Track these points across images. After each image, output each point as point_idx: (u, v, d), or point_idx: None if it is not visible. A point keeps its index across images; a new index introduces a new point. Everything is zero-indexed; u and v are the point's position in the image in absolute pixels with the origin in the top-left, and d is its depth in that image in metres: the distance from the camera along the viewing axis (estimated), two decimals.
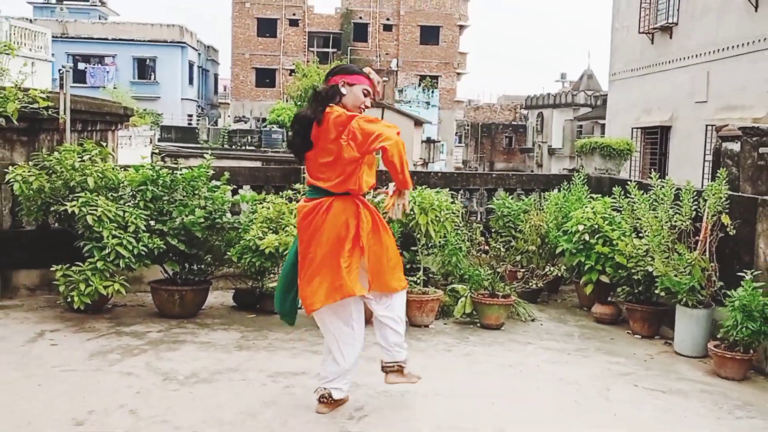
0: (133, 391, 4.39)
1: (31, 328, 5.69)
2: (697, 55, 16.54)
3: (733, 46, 15.17)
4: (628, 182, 7.08)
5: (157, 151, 24.00)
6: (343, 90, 4.07)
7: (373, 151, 3.97)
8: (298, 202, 6.88)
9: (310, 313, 4.04)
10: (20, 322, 5.86)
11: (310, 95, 4.15)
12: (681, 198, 6.30)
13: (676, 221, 6.26)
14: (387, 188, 4.38)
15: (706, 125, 15.66)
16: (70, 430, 3.77)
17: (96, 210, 5.85)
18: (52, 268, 6.03)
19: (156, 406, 4.13)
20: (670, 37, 17.74)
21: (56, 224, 6.65)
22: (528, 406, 4.45)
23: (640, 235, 6.59)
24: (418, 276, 6.69)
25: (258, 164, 23.28)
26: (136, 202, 6.27)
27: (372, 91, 4.17)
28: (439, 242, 6.87)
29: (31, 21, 31.85)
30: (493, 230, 7.98)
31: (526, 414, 4.31)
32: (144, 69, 46.03)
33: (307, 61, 42.33)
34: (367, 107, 4.17)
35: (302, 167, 7.76)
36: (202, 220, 6.25)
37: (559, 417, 4.30)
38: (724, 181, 6.09)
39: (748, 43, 14.69)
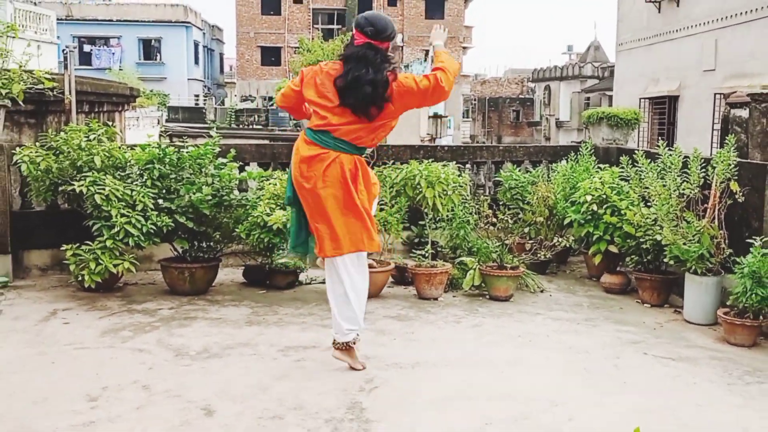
0: (146, 367, 4.42)
1: (43, 307, 5.73)
2: (704, 23, 16.33)
3: (741, 13, 14.97)
4: (636, 152, 7.02)
5: (164, 130, 24.01)
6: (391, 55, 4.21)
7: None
8: None
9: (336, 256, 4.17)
10: (33, 302, 5.91)
11: (368, 55, 4.13)
12: (689, 166, 6.25)
13: (684, 189, 6.22)
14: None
15: (714, 94, 15.50)
16: (85, 405, 3.80)
17: (104, 189, 5.86)
18: (62, 248, 6.06)
19: (168, 381, 4.16)
20: (677, 5, 17.50)
21: (65, 204, 6.67)
22: (538, 375, 4.46)
23: (649, 204, 6.55)
24: (426, 249, 6.69)
25: (265, 143, 23.24)
26: (144, 180, 6.28)
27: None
28: (447, 216, 6.86)
29: (35, 3, 31.72)
30: (500, 203, 7.96)
31: (536, 381, 4.32)
32: (149, 50, 45.91)
33: (312, 38, 42.07)
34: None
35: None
36: (210, 197, 6.26)
37: (569, 384, 4.31)
38: (733, 148, 6.04)
39: (756, 9, 14.48)
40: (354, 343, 4.31)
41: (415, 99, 4.14)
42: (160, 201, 6.20)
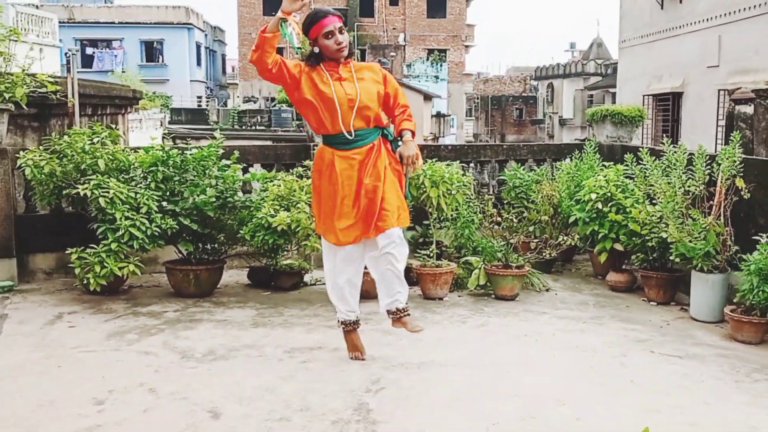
0: (152, 369, 4.43)
1: (49, 311, 5.74)
2: (707, 19, 16.29)
3: (744, 9, 14.93)
4: (640, 149, 7.01)
5: (167, 132, 24.04)
6: (315, 50, 4.28)
7: None
8: (308, 178, 6.89)
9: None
10: (38, 305, 5.92)
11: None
12: (694, 163, 6.24)
13: (689, 186, 6.21)
14: None
15: (719, 90, 15.47)
16: (91, 408, 3.80)
17: (108, 192, 5.87)
18: (67, 251, 6.07)
19: (175, 384, 4.16)
20: (680, 2, 17.47)
21: (69, 207, 6.69)
22: (544, 374, 4.46)
23: (654, 201, 6.54)
24: (431, 249, 6.68)
25: (268, 144, 23.27)
26: (148, 183, 6.28)
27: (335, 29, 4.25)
28: (451, 215, 6.85)
29: (37, 7, 31.78)
30: (505, 202, 7.95)
31: (543, 381, 4.31)
32: (151, 52, 45.95)
33: None
34: (340, 43, 4.23)
35: (311, 144, 7.79)
36: (214, 199, 6.26)
37: (575, 383, 4.30)
38: (738, 145, 6.02)
39: (760, 4, 14.44)
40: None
41: None
42: (164, 203, 6.21)
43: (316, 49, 4.27)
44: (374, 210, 4.24)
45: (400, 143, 4.38)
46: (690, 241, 5.91)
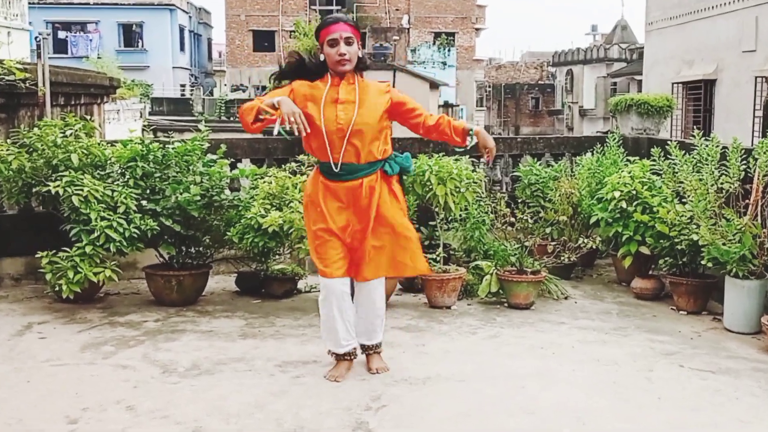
0: (130, 385, 4.44)
1: (17, 321, 5.77)
2: None
3: None
4: (669, 142, 7.02)
5: (147, 124, 24.08)
6: (321, 57, 4.30)
7: None
8: (302, 174, 6.91)
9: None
10: (5, 314, 5.94)
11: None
12: (728, 157, 6.25)
13: (723, 184, 6.21)
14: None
15: (756, 77, 15.49)
16: (64, 427, 3.82)
17: (82, 190, 5.88)
18: (37, 255, 6.09)
19: (155, 400, 4.18)
20: None
21: (40, 207, 6.71)
22: (562, 389, 4.46)
23: (684, 200, 6.54)
24: (437, 253, 6.69)
25: (258, 137, 23.31)
26: (126, 180, 6.30)
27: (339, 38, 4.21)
28: (460, 215, 6.86)
29: None
30: (519, 200, 7.95)
31: (560, 396, 4.32)
32: (130, 36, 46.04)
33: (309, 21, 42.11)
34: (342, 55, 4.19)
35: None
36: (199, 197, 6.28)
37: (596, 399, 4.31)
38: None
39: None
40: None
41: None
42: (144, 202, 6.22)
43: (322, 57, 4.28)
44: (361, 253, 4.36)
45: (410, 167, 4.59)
46: (723, 244, 5.91)
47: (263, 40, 49.21)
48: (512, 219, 6.95)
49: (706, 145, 6.47)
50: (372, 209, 4.31)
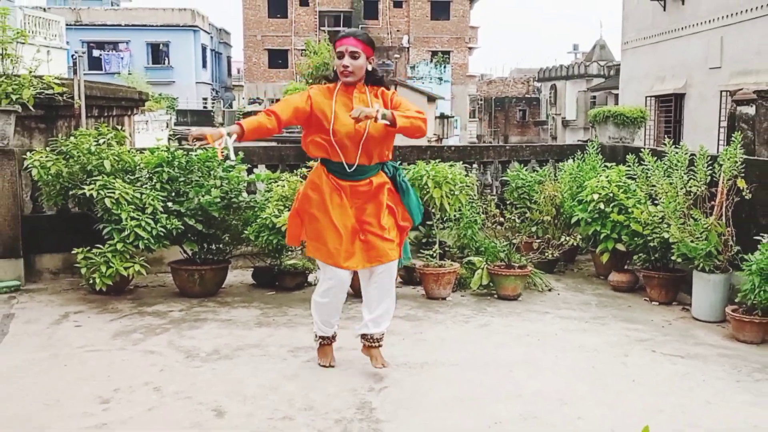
0: (157, 369, 4.43)
1: (55, 311, 5.76)
2: (710, 21, 16.26)
3: (746, 10, 14.89)
4: (642, 150, 6.99)
5: (172, 133, 24.06)
6: (334, 67, 4.23)
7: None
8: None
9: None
10: (45, 305, 5.93)
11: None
12: (696, 163, 6.22)
13: (691, 187, 6.19)
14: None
15: (721, 91, 15.44)
16: (97, 407, 3.81)
17: (114, 192, 5.88)
18: (73, 252, 6.08)
19: (179, 383, 4.17)
20: (683, 3, 17.43)
21: (76, 208, 6.70)
22: (546, 374, 4.45)
23: (656, 202, 6.52)
24: (434, 249, 6.68)
25: (273, 145, 23.31)
26: (153, 183, 6.29)
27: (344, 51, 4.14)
28: (454, 216, 6.85)
29: (44, 9, 31.87)
30: (507, 202, 7.94)
31: (545, 381, 4.31)
32: (158, 54, 46.06)
33: (319, 41, 42.12)
34: (345, 67, 4.12)
35: None
36: (219, 200, 6.27)
37: (577, 383, 4.29)
38: (739, 145, 6.00)
39: (762, 6, 14.40)
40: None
41: None
42: (170, 204, 6.22)
43: (334, 67, 4.24)
44: (373, 244, 4.16)
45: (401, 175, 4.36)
46: (692, 242, 5.90)
47: (277, 58, 49.20)
48: (501, 219, 6.93)
49: (676, 153, 6.45)
50: (383, 203, 4.20)
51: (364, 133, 4.10)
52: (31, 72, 6.52)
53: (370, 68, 4.21)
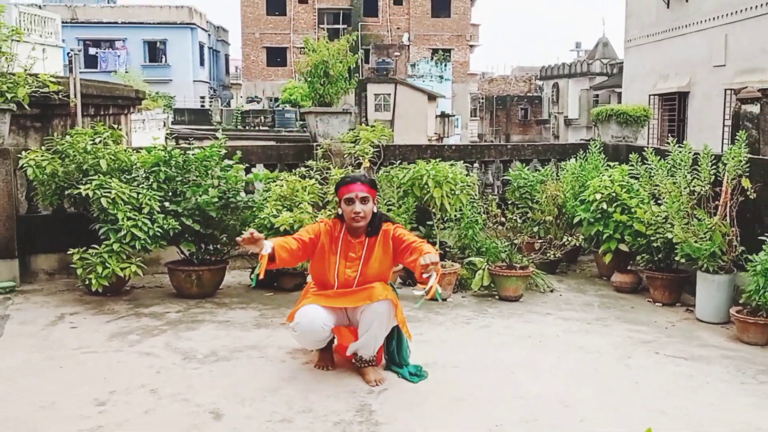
0: (154, 370, 4.43)
1: (51, 312, 5.76)
2: (714, 18, 16.26)
3: (751, 8, 14.90)
4: (645, 149, 6.99)
5: (169, 132, 24.07)
6: (339, 211, 4.35)
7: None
8: (310, 178, 6.91)
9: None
10: (40, 306, 5.93)
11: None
12: (699, 163, 6.22)
13: (695, 186, 6.19)
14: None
15: (725, 89, 15.44)
16: (93, 409, 3.81)
17: (110, 192, 5.88)
18: (69, 252, 6.08)
19: (176, 385, 4.17)
20: (686, 1, 17.43)
21: (72, 208, 6.70)
22: (548, 376, 4.45)
23: (659, 201, 6.52)
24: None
25: (271, 144, 23.34)
26: (150, 183, 6.29)
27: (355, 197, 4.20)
28: (455, 216, 6.85)
29: (40, 7, 31.86)
30: (509, 202, 7.94)
31: (546, 382, 4.31)
32: (155, 52, 46.05)
33: (318, 38, 42.15)
34: (357, 213, 4.19)
35: (314, 144, 7.80)
36: (216, 199, 6.27)
37: (579, 385, 4.29)
38: (744, 144, 6.00)
39: (765, 3, 14.40)
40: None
41: None
42: (167, 204, 6.22)
43: (340, 211, 4.32)
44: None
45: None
46: (695, 242, 5.89)
47: (276, 56, 49.21)
48: (503, 219, 6.94)
49: (680, 152, 6.45)
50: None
51: (353, 283, 4.26)
52: (26, 70, 6.52)
53: (375, 210, 4.30)
